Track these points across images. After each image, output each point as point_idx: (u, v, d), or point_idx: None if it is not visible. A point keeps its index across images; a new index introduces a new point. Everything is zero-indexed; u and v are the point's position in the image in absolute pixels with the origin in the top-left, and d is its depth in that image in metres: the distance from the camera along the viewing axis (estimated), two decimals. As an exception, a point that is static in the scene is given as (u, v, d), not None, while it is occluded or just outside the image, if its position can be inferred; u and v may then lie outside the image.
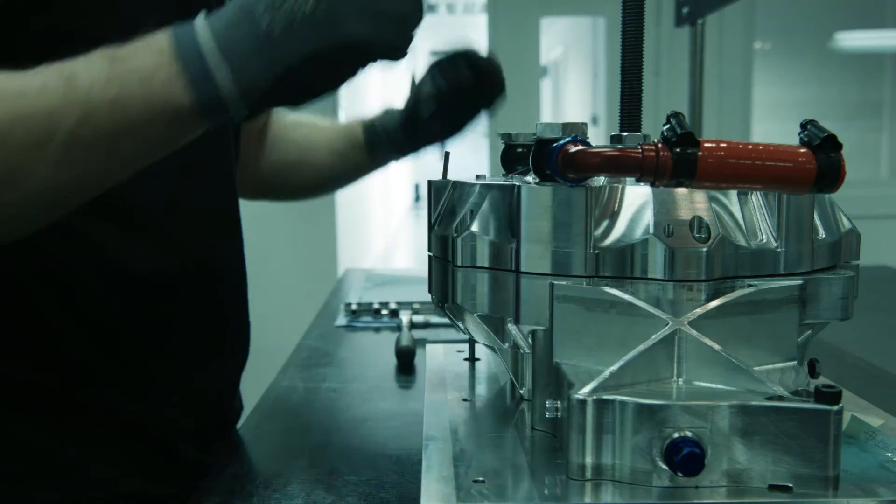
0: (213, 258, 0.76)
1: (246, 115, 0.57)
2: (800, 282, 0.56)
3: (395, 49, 0.57)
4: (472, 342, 0.77)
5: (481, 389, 0.70)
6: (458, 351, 0.81)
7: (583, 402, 0.49)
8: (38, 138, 0.50)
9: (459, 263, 0.60)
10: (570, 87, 6.79)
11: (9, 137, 0.50)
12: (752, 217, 0.56)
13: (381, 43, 0.56)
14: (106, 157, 0.53)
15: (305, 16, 0.52)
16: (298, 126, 1.02)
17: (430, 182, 0.68)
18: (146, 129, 0.53)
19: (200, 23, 0.53)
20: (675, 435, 0.47)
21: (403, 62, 0.60)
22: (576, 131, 0.56)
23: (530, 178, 0.61)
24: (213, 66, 0.52)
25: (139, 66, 0.52)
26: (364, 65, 0.58)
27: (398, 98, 0.92)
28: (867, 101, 3.72)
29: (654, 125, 0.56)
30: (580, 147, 0.53)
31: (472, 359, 0.78)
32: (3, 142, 0.50)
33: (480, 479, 0.51)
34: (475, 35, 2.76)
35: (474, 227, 0.59)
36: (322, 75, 0.58)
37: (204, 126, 0.56)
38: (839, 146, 0.51)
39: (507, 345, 0.61)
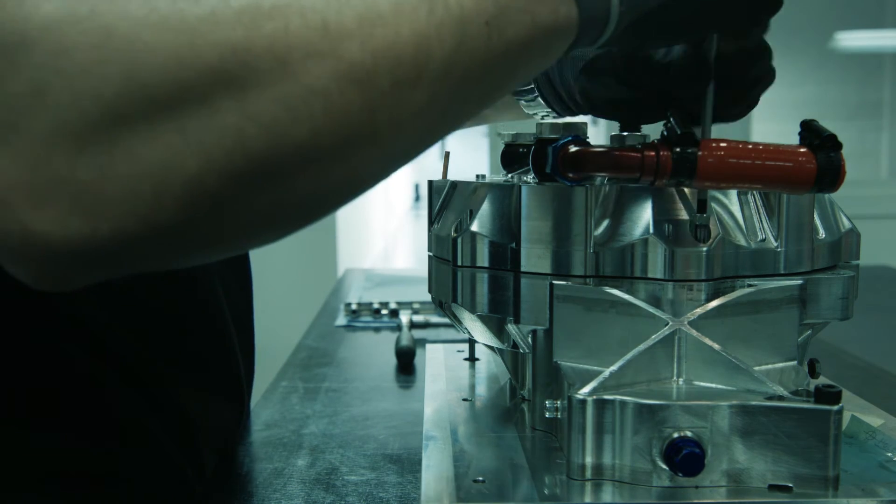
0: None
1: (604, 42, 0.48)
2: (800, 282, 0.56)
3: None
4: (472, 342, 0.77)
5: (481, 389, 0.70)
6: (458, 351, 0.81)
7: (583, 402, 0.49)
8: (407, 73, 0.39)
9: (459, 263, 0.60)
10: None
11: (375, 75, 0.38)
12: (752, 217, 0.56)
13: None
14: (467, 96, 0.43)
15: None
16: None
17: (430, 182, 0.68)
18: (520, 53, 0.43)
19: None
20: (675, 435, 0.47)
21: None
22: (576, 131, 0.55)
23: (530, 178, 0.61)
24: None
25: None
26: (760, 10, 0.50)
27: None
28: (867, 101, 3.71)
29: (654, 125, 0.56)
30: (580, 147, 0.53)
31: (472, 359, 0.78)
32: (370, 80, 0.38)
33: (480, 478, 0.51)
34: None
35: (474, 227, 0.59)
36: (710, 11, 0.49)
37: (565, 50, 0.46)
38: (839, 146, 0.51)
39: (507, 345, 0.61)
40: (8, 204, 0.36)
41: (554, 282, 0.55)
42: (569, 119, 0.70)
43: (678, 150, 0.50)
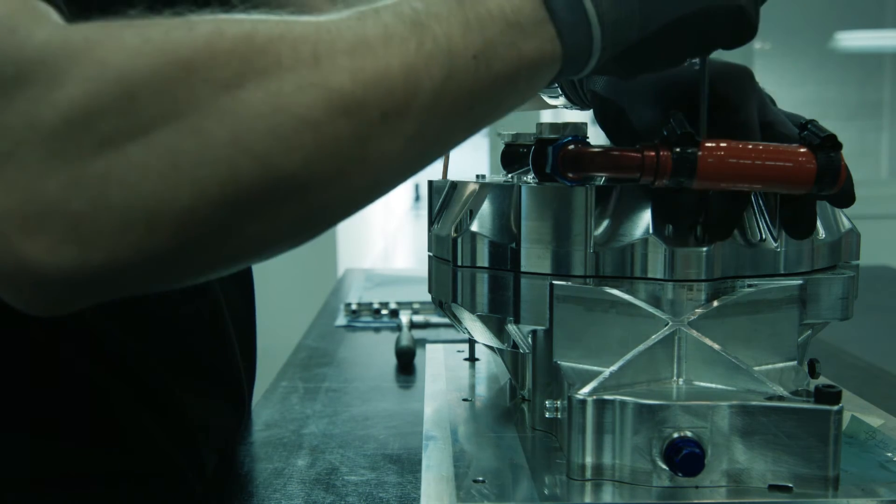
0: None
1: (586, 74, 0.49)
2: (800, 282, 0.56)
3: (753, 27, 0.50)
4: (472, 342, 0.77)
5: (481, 389, 0.70)
6: (458, 351, 0.81)
7: (583, 402, 0.49)
8: (396, 104, 0.40)
9: (459, 263, 0.60)
10: (570, 87, 6.76)
11: (365, 105, 0.39)
12: (752, 217, 0.56)
13: (751, 15, 0.49)
14: (455, 127, 0.44)
15: None
16: None
17: (430, 182, 0.68)
18: (505, 87, 0.44)
19: None
20: (675, 435, 0.47)
21: None
22: (576, 131, 0.55)
23: (530, 178, 0.61)
24: (588, 11, 0.44)
25: (496, 8, 0.43)
26: (731, 37, 0.50)
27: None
28: (867, 101, 3.71)
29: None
30: (580, 147, 0.53)
31: (472, 359, 0.78)
32: (360, 110, 0.39)
33: (480, 479, 0.51)
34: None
35: (474, 227, 0.59)
36: (686, 43, 0.50)
37: (548, 82, 0.47)
38: (839, 146, 0.51)
39: (507, 345, 0.61)
40: (0, 232, 0.36)
41: (554, 282, 0.55)
42: (568, 119, 0.70)
43: (678, 150, 0.50)
